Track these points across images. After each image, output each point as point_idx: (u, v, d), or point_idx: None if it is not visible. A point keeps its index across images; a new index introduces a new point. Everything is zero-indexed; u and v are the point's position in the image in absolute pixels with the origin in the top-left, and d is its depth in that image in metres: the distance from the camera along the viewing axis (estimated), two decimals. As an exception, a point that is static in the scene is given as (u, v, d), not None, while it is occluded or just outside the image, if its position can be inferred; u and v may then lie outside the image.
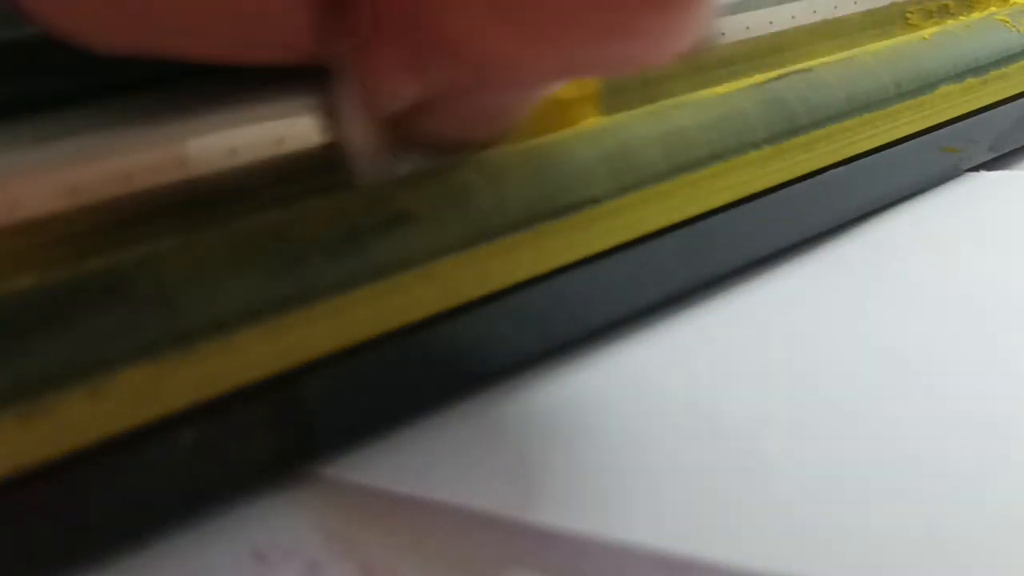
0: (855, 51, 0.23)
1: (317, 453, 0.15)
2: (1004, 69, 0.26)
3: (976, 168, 0.27)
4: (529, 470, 0.15)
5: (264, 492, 0.15)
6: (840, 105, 0.22)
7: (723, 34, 0.22)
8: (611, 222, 0.18)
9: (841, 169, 0.23)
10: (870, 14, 0.26)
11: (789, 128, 0.21)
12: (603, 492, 0.15)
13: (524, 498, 0.15)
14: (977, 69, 0.25)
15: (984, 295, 0.20)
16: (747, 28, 0.22)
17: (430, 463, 0.16)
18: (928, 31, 0.25)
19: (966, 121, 0.25)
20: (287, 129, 0.15)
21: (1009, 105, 0.27)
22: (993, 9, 0.27)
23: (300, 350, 0.15)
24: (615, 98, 0.20)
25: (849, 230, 0.23)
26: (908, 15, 0.27)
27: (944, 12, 0.27)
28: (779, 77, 0.21)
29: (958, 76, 0.24)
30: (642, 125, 0.19)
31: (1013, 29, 0.26)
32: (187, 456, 0.14)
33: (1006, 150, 0.27)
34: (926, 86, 0.24)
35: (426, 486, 0.15)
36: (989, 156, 0.27)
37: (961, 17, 0.26)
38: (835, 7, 0.24)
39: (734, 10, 0.22)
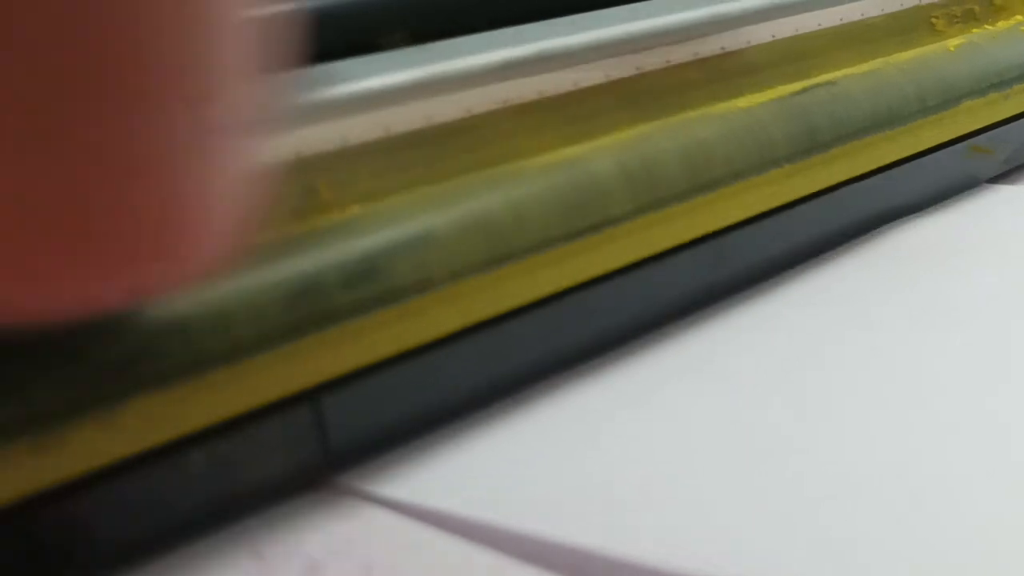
0: (880, 62, 0.23)
1: (332, 474, 0.15)
2: (1025, 84, 0.25)
3: (993, 180, 0.27)
4: (532, 481, 0.15)
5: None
6: (864, 120, 0.21)
7: (748, 42, 0.21)
8: (629, 241, 0.18)
9: (860, 183, 0.22)
10: (895, 18, 0.26)
11: (811, 145, 0.20)
12: (605, 504, 0.15)
13: (525, 508, 0.15)
14: (1001, 84, 0.25)
15: (1000, 307, 0.20)
16: (772, 36, 0.22)
17: (434, 471, 0.16)
18: (953, 42, 0.24)
19: (985, 134, 0.25)
20: None
21: (1029, 118, 0.26)
22: (1019, 18, 0.27)
23: (314, 374, 0.15)
24: (636, 107, 0.20)
25: (866, 242, 0.23)
26: (933, 20, 0.26)
27: (969, 17, 0.27)
28: (803, 90, 0.21)
29: (982, 91, 0.24)
30: (664, 139, 0.19)
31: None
32: (200, 479, 0.14)
33: (1021, 162, 0.27)
34: (950, 101, 0.23)
35: (430, 495, 0.15)
36: (1004, 168, 0.27)
37: (987, 25, 0.26)
38: (861, 13, 0.24)
39: (761, 18, 0.21)
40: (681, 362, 0.19)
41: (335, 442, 0.15)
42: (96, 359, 0.13)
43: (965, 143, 0.25)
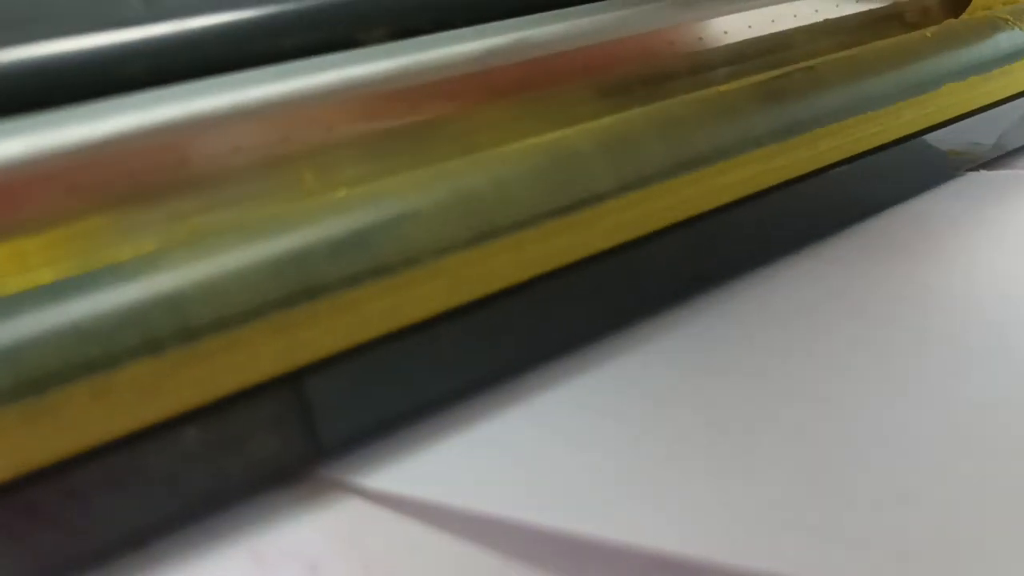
0: (858, 49, 0.23)
1: (322, 453, 0.15)
2: (1007, 67, 0.26)
3: (978, 167, 0.27)
4: (530, 471, 0.15)
5: (264, 492, 0.15)
6: (843, 103, 0.22)
7: (726, 32, 0.22)
8: (615, 219, 0.18)
9: (844, 167, 0.22)
10: (869, 12, 0.26)
11: (792, 125, 0.21)
12: (604, 493, 0.15)
13: (525, 500, 0.15)
14: (980, 67, 0.25)
15: (983, 293, 0.20)
16: (749, 27, 0.22)
17: (432, 465, 0.16)
18: (931, 29, 0.25)
19: (969, 119, 0.25)
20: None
21: (1012, 103, 0.27)
22: (999, 6, 0.27)
23: (305, 348, 0.15)
24: (618, 95, 0.20)
25: (849, 227, 0.23)
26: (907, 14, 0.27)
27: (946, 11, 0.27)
28: (782, 75, 0.21)
29: (961, 74, 0.24)
30: (644, 120, 0.19)
31: (1016, 27, 0.26)
32: (190, 455, 0.14)
33: (1009, 148, 0.27)
34: (929, 83, 0.24)
35: (428, 488, 0.15)
36: (992, 154, 0.27)
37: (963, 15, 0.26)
38: (836, 5, 0.24)
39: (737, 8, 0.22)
40: (668, 347, 0.19)
41: (324, 417, 0.15)
42: (84, 326, 0.13)
43: (939, 141, 0.25)
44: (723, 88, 0.20)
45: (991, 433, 0.16)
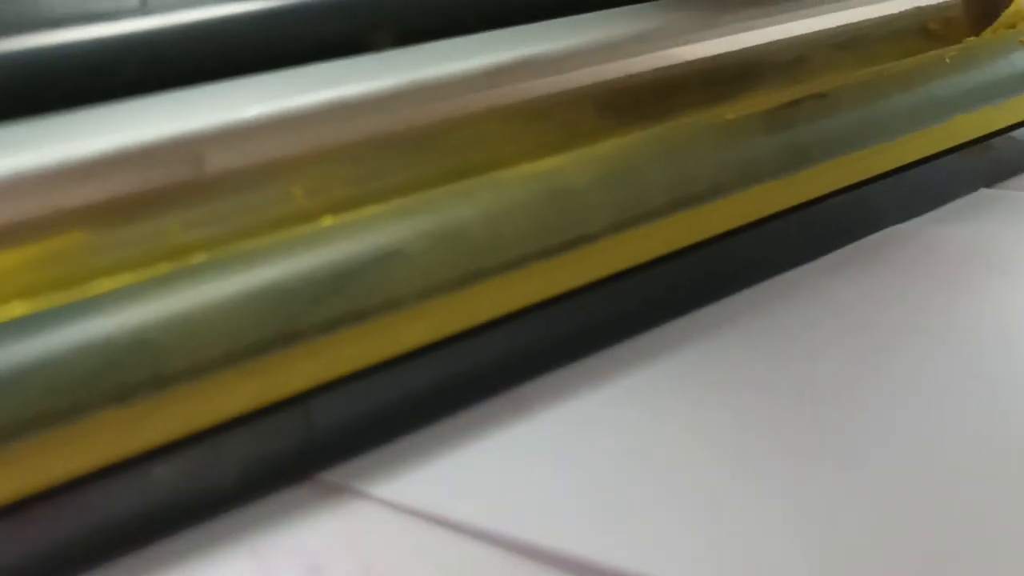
0: (873, 72, 0.23)
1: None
2: (1020, 96, 0.25)
3: (984, 187, 0.26)
4: (530, 487, 0.15)
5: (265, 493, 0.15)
6: (853, 135, 0.21)
7: (740, 46, 0.21)
8: (610, 254, 0.18)
9: (848, 194, 0.22)
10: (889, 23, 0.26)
11: (798, 161, 0.20)
12: (600, 511, 0.15)
13: (523, 517, 0.14)
14: (994, 97, 0.24)
15: (992, 315, 0.20)
16: (766, 39, 0.22)
17: (433, 476, 0.16)
18: (949, 53, 0.24)
19: (977, 145, 0.25)
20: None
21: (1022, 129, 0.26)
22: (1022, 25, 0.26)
23: (280, 387, 0.15)
24: (622, 114, 0.20)
25: (856, 250, 0.23)
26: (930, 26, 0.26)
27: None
28: (792, 103, 0.21)
29: (974, 104, 0.24)
30: (646, 153, 0.19)
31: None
32: (165, 494, 0.14)
33: (1015, 165, 0.27)
34: (942, 114, 0.23)
35: (429, 499, 0.15)
36: (999, 176, 0.27)
37: (985, 33, 0.26)
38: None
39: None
40: (672, 363, 0.18)
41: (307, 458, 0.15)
42: (59, 373, 0.12)
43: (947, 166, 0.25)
44: (730, 115, 0.20)
45: (1001, 441, 0.16)
